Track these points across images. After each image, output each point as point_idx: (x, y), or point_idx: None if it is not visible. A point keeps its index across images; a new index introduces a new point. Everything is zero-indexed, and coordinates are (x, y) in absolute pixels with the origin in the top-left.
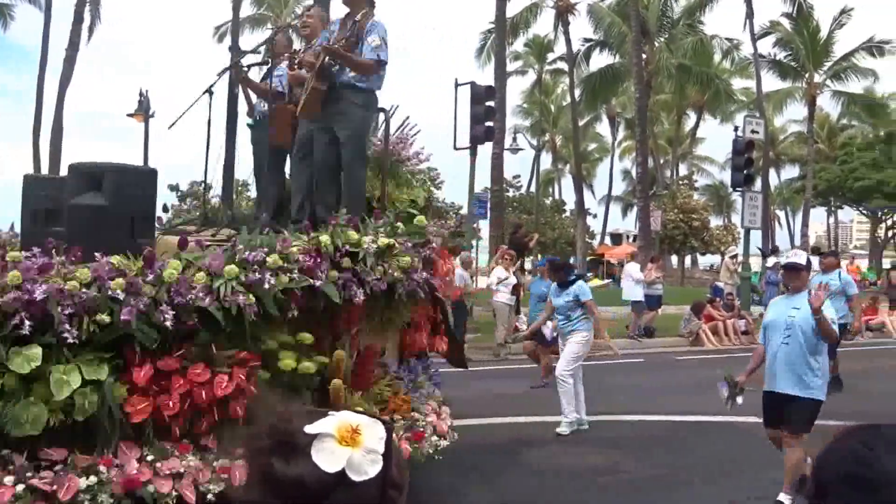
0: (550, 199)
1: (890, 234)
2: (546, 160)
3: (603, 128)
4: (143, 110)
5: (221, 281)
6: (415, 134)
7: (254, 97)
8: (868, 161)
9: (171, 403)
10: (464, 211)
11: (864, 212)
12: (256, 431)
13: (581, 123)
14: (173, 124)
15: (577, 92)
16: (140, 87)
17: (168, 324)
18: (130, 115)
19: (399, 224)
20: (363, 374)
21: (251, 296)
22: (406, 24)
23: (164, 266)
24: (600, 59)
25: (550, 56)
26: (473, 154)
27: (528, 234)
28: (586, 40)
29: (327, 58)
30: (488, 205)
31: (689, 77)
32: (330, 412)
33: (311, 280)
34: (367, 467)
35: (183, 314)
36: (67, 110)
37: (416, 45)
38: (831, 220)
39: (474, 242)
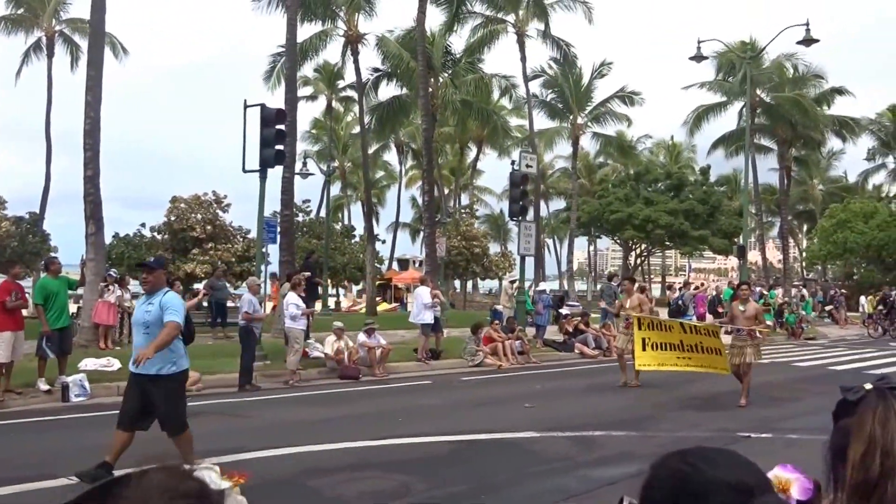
0: (340, 224)
1: (639, 261)
2: (335, 186)
3: (391, 156)
4: None
5: None
6: None
7: None
8: (621, 196)
9: None
10: (252, 234)
11: (618, 241)
12: (173, 498)
13: (370, 151)
14: None
15: (366, 120)
16: None
17: None
18: None
19: None
20: None
21: None
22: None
23: None
24: (389, 90)
25: (340, 83)
26: (263, 177)
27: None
28: (375, 70)
29: None
30: (278, 229)
31: (470, 112)
32: (188, 465)
33: None
34: None
35: None
36: None
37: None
38: (591, 248)
39: (263, 267)
